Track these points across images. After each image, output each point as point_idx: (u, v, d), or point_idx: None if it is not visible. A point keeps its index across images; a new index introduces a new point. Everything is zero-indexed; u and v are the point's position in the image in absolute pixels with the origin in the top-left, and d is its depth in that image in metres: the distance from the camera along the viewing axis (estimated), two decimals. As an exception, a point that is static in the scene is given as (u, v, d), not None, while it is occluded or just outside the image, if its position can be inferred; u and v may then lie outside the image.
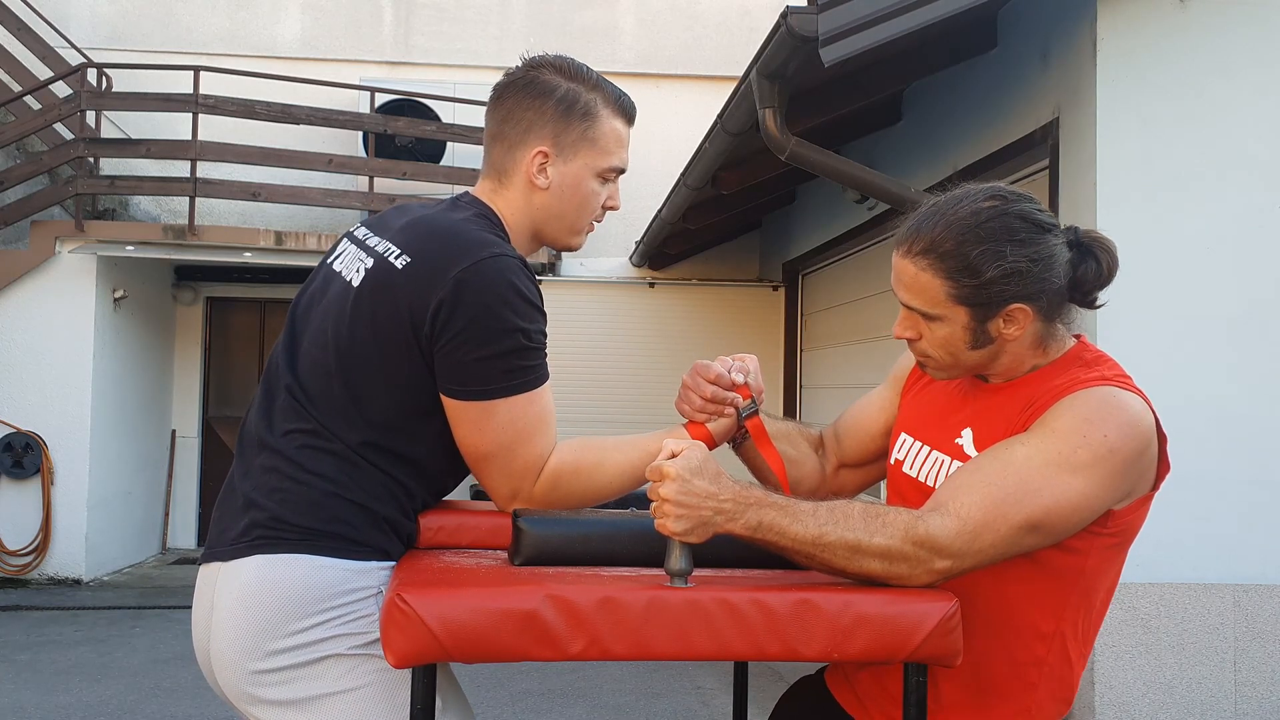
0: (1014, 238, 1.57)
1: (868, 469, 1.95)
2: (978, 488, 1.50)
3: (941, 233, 1.59)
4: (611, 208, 1.86)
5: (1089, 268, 1.63)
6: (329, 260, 1.83)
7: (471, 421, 1.66)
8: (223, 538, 1.71)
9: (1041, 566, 1.58)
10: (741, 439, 1.88)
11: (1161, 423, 1.60)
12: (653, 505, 1.45)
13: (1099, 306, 1.68)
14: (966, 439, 1.67)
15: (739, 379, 1.81)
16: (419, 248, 1.67)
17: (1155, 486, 1.61)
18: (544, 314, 1.69)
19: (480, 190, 1.83)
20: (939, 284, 1.59)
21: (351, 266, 1.74)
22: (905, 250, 1.63)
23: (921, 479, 1.72)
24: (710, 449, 1.77)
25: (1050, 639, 1.60)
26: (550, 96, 1.77)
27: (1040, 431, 1.54)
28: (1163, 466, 1.61)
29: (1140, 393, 1.60)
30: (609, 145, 1.80)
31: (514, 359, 1.64)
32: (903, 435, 1.81)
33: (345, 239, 1.84)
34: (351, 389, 1.67)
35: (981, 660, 1.60)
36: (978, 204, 1.61)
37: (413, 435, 1.69)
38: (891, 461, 1.82)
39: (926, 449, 1.73)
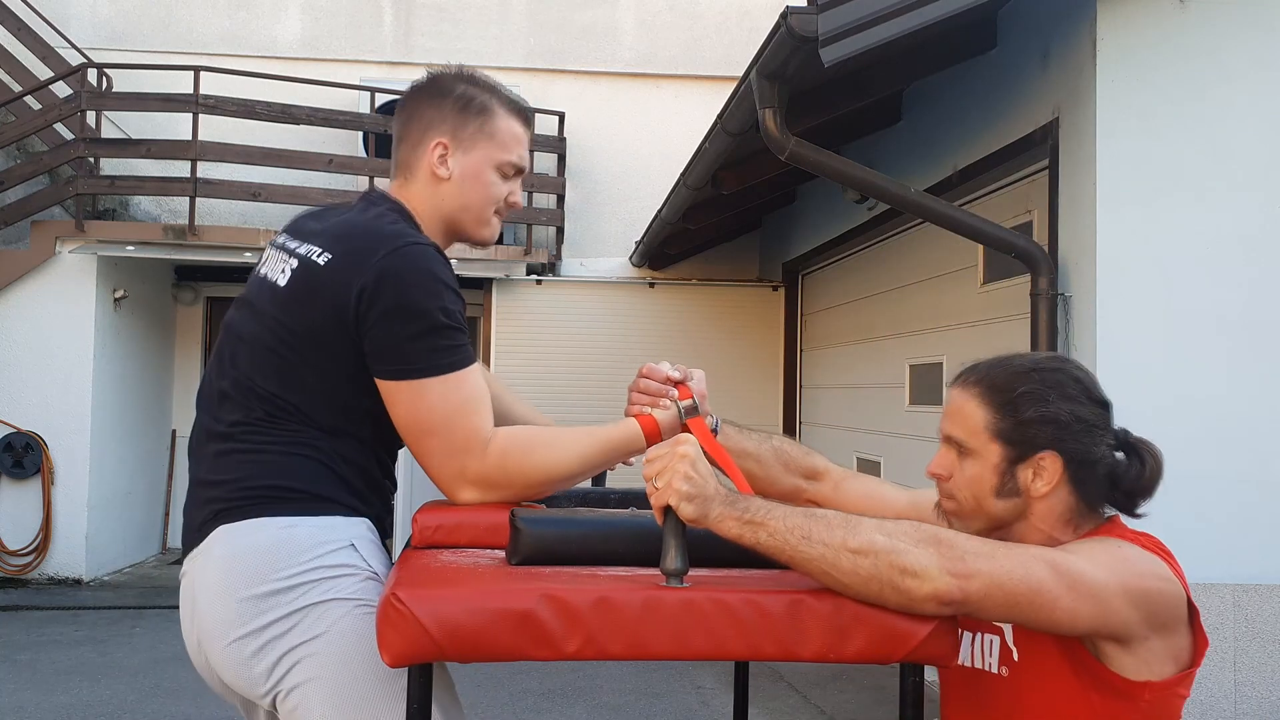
0: (1063, 392, 1.62)
1: None
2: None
3: (999, 372, 1.67)
4: (513, 205, 1.96)
5: (1132, 465, 1.65)
6: (258, 269, 1.91)
7: (406, 402, 1.72)
8: (190, 528, 1.78)
9: None
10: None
11: (1194, 598, 1.58)
12: (655, 471, 1.43)
13: (1139, 516, 1.67)
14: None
15: (676, 375, 1.87)
16: (340, 246, 1.76)
17: (1195, 662, 1.57)
18: (460, 297, 1.76)
19: (391, 187, 1.93)
20: (981, 413, 1.64)
21: (276, 269, 1.82)
22: (961, 383, 1.70)
23: (977, 666, 1.68)
24: (655, 443, 1.78)
25: None
26: (448, 95, 1.90)
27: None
28: (1200, 639, 1.58)
29: (1175, 564, 1.58)
30: (505, 140, 1.91)
31: (437, 338, 1.71)
32: None
33: (269, 246, 1.92)
34: (290, 380, 1.75)
35: None
36: (1039, 358, 1.71)
37: (363, 418, 1.77)
38: None
39: (967, 634, 1.70)
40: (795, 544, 1.39)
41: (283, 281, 1.78)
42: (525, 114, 1.95)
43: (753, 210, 8.79)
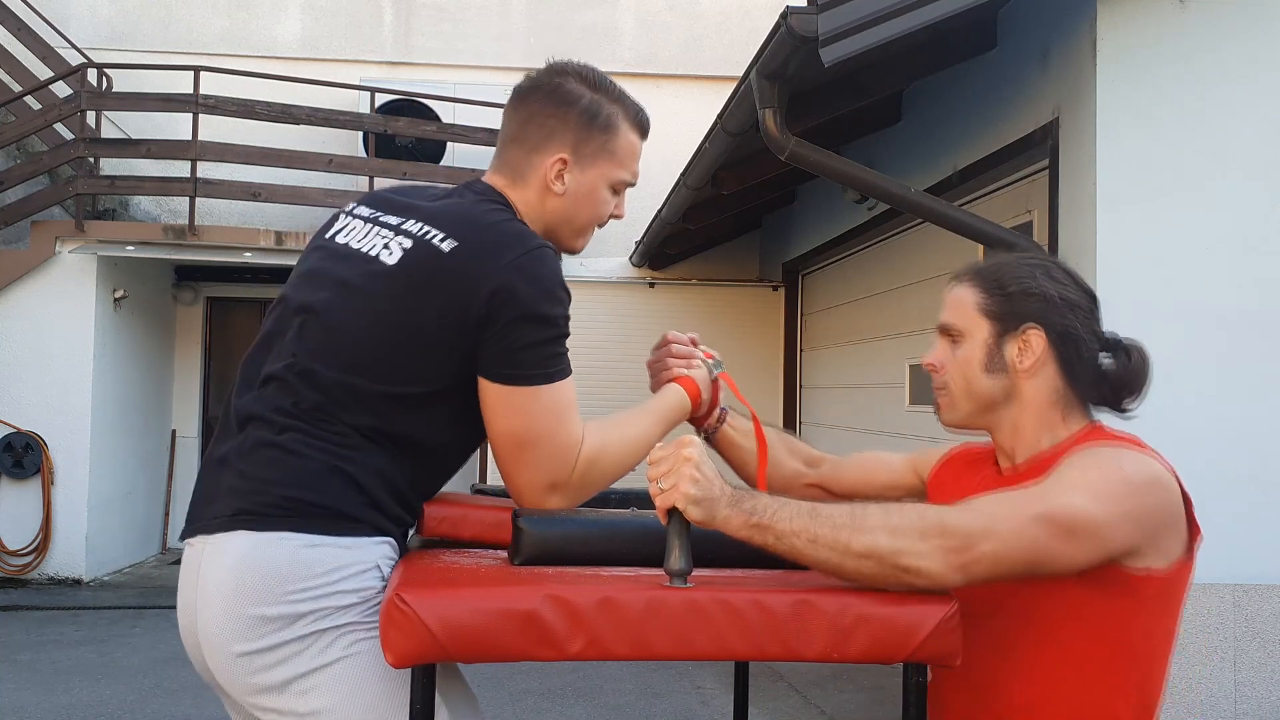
0: (1049, 274, 1.71)
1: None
2: (990, 495, 1.53)
3: (992, 264, 1.78)
4: (617, 216, 1.94)
5: (1119, 359, 1.70)
6: (330, 235, 1.81)
7: (517, 407, 1.67)
8: (209, 510, 1.68)
9: (1091, 638, 1.57)
10: (717, 425, 1.98)
11: (1185, 487, 1.60)
12: (660, 473, 1.44)
13: (1128, 413, 1.71)
14: None
15: (696, 337, 2.01)
16: (465, 234, 1.68)
17: (1190, 551, 1.61)
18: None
19: (493, 182, 1.84)
20: (972, 295, 1.73)
21: (373, 242, 1.72)
22: (956, 278, 1.78)
23: None
24: (696, 405, 1.90)
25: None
26: (574, 106, 1.82)
27: (1053, 475, 1.56)
28: (1194, 530, 1.61)
29: (1163, 459, 1.60)
30: (624, 158, 1.87)
31: (555, 346, 1.70)
32: None
33: (347, 216, 1.83)
34: (367, 368, 1.66)
35: None
36: (1032, 255, 1.83)
37: (426, 418, 1.69)
38: None
39: None
40: (801, 548, 1.43)
41: (391, 259, 1.68)
42: (646, 125, 1.91)
43: (753, 210, 8.79)
